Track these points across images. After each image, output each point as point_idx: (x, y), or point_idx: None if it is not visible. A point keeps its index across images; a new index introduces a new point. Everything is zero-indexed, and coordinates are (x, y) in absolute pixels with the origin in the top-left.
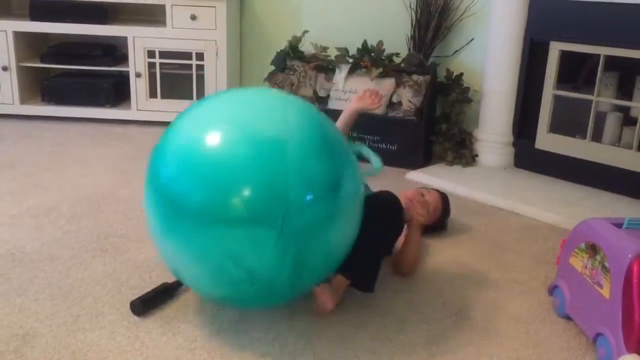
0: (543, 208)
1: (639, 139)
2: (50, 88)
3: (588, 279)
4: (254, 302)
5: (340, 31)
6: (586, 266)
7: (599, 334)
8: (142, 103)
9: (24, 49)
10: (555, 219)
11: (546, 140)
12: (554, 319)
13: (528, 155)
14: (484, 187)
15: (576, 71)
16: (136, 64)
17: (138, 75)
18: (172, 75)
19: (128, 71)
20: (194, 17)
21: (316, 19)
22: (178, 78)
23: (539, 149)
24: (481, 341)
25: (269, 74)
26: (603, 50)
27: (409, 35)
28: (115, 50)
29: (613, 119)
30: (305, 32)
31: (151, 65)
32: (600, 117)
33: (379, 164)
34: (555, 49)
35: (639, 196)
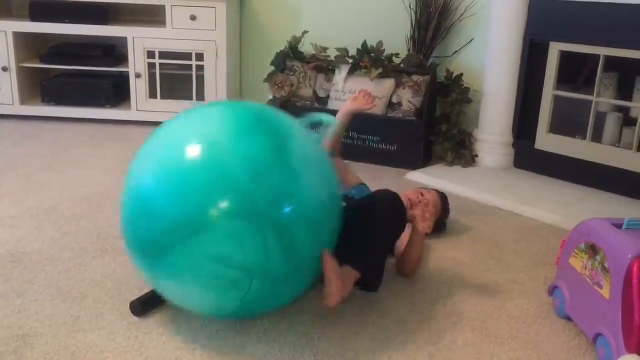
0: (543, 208)
1: (639, 140)
2: (50, 89)
3: (588, 279)
4: (267, 301)
5: (340, 32)
6: (586, 267)
7: (598, 335)
8: (142, 104)
9: (24, 50)
10: (555, 219)
11: (546, 141)
12: (554, 319)
13: (528, 156)
14: (484, 188)
15: (576, 72)
16: (136, 64)
17: (138, 75)
18: (172, 76)
19: (128, 72)
20: (193, 18)
21: (316, 20)
22: (178, 79)
23: (539, 150)
24: (481, 342)
25: (269, 75)
26: (603, 51)
27: (409, 35)
28: (115, 51)
29: (613, 119)
30: (305, 33)
31: (151, 65)
32: (600, 118)
33: (328, 117)
34: (555, 50)
35: (638, 197)
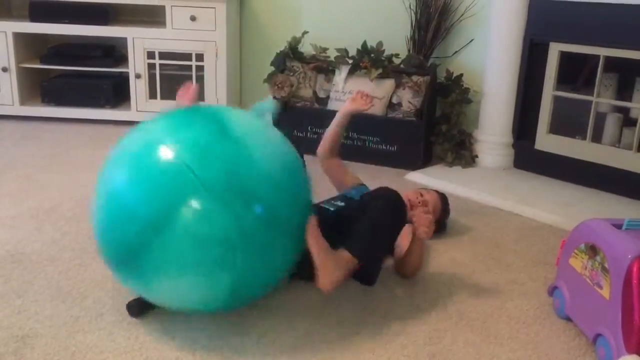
0: (543, 209)
1: (639, 140)
2: (50, 89)
3: (588, 279)
4: (259, 275)
5: (339, 32)
6: (586, 267)
7: (598, 335)
8: (142, 104)
9: (23, 50)
10: (555, 219)
11: (546, 141)
12: (554, 319)
13: (528, 156)
14: (483, 188)
15: (576, 72)
16: (136, 65)
17: (138, 76)
18: (172, 76)
19: (128, 72)
20: (193, 18)
21: (316, 20)
22: (178, 79)
23: (539, 150)
24: (481, 342)
25: (269, 75)
26: (603, 51)
27: (409, 36)
28: (115, 51)
29: (613, 119)
30: (305, 33)
31: (151, 66)
32: (600, 118)
33: (269, 103)
34: (555, 50)
35: (638, 197)
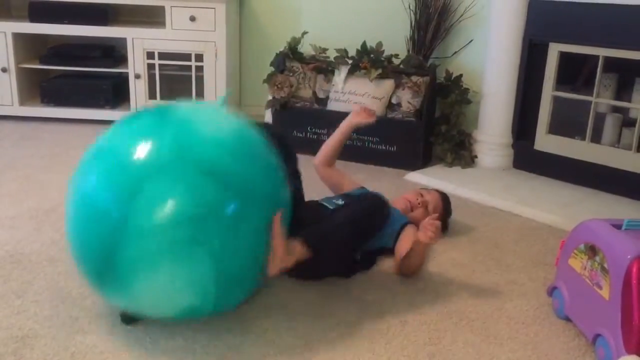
0: (542, 209)
1: (638, 140)
2: (49, 89)
3: (587, 280)
4: (242, 255)
5: (339, 32)
6: (585, 267)
7: (598, 335)
8: (142, 104)
9: (23, 51)
10: (555, 220)
11: (545, 142)
12: (553, 320)
13: (527, 157)
14: (483, 189)
15: (575, 72)
16: (135, 65)
17: (137, 76)
18: (172, 77)
19: (127, 72)
20: (193, 19)
21: (315, 20)
22: (177, 79)
23: (538, 150)
24: (480, 342)
25: (268, 75)
26: (602, 52)
27: (408, 36)
28: (114, 52)
29: (612, 120)
30: (304, 34)
31: (150, 66)
32: (600, 118)
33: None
34: (554, 50)
35: (638, 197)
